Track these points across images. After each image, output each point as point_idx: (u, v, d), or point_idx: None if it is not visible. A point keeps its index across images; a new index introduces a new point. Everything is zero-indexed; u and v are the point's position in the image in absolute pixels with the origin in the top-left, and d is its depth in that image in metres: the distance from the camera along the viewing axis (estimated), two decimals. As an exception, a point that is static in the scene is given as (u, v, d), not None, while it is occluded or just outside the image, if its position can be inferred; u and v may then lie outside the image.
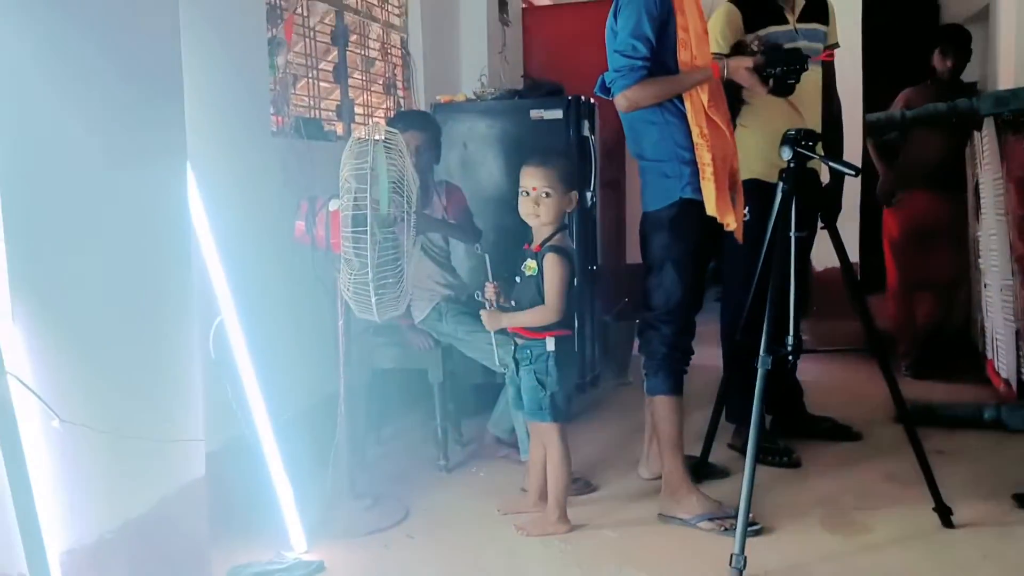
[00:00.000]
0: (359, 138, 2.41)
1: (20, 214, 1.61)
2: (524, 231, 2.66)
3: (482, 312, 2.64)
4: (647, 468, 2.95)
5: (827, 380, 4.15)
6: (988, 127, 3.63)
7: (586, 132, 3.74)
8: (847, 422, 3.40)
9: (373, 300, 2.37)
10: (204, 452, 2.15)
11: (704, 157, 2.57)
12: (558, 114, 3.67)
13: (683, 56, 2.60)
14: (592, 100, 3.78)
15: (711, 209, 2.57)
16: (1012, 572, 2.35)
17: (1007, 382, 3.72)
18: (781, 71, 2.61)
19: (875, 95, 5.53)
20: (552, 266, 2.52)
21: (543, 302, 2.54)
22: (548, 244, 2.55)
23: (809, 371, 4.32)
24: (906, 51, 4.56)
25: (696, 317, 2.74)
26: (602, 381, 4.24)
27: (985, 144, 3.69)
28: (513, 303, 2.61)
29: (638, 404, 3.00)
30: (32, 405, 1.65)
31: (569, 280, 2.54)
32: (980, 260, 4.00)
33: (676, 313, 2.67)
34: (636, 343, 2.92)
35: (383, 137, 2.40)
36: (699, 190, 2.59)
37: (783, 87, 2.65)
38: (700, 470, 2.91)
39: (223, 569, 2.34)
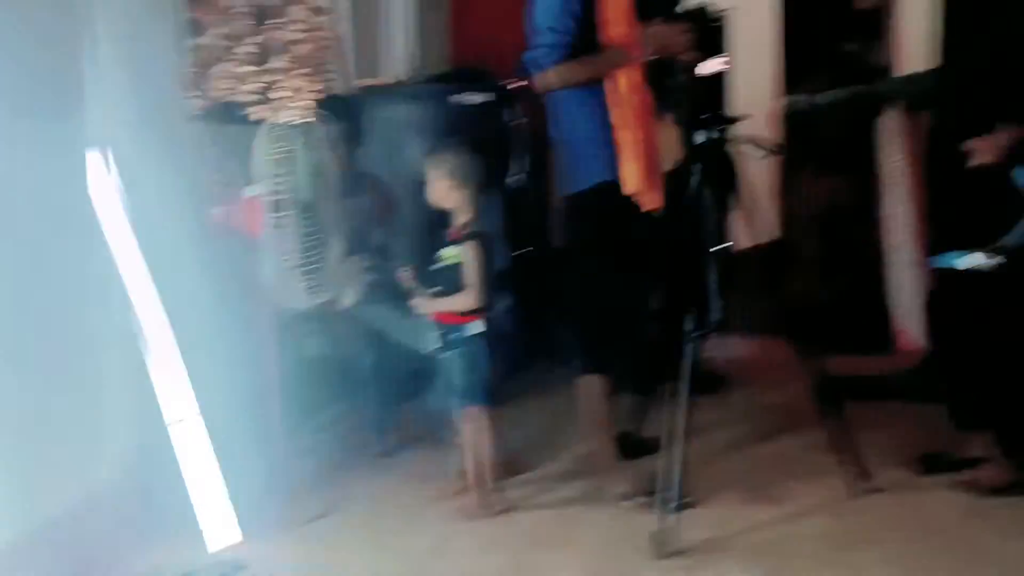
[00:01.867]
0: (276, 123, 2.39)
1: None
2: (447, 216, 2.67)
3: (414, 298, 2.65)
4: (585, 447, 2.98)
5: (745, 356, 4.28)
6: (893, 110, 3.76)
7: (513, 117, 3.75)
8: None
9: (299, 286, 2.36)
10: (121, 450, 2.09)
11: (625, 137, 2.59)
12: (484, 98, 3.67)
13: (608, 33, 2.59)
14: (518, 83, 3.78)
15: (629, 188, 2.60)
16: (920, 534, 2.47)
17: (915, 352, 3.87)
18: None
19: (795, 79, 5.67)
20: (471, 252, 2.55)
21: (456, 290, 2.57)
22: (465, 231, 2.58)
23: (735, 346, 4.44)
24: (820, 36, 4.65)
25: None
26: (535, 363, 4.26)
27: (890, 126, 3.83)
28: (432, 291, 2.63)
29: (571, 385, 3.04)
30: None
31: (489, 265, 2.56)
32: (889, 236, 4.15)
33: (599, 296, 2.69)
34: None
35: (300, 121, 2.37)
36: (620, 171, 2.61)
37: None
38: (636, 447, 2.96)
39: (143, 571, 2.28)
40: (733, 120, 2.67)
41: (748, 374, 3.90)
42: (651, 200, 2.63)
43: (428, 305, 2.62)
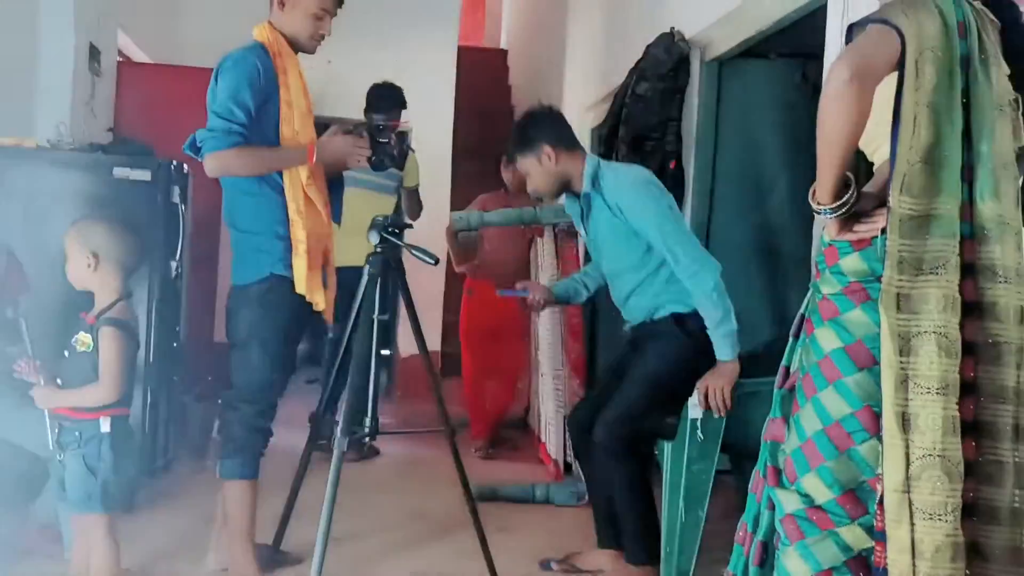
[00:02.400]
0: None
1: None
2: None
3: (35, 389, 2.33)
4: (216, 557, 2.78)
5: (410, 459, 4.31)
6: (548, 233, 4.11)
7: (175, 199, 3.56)
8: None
9: None
10: None
11: (299, 234, 2.57)
12: (146, 176, 3.43)
13: (285, 131, 2.60)
14: (186, 167, 3.62)
15: (301, 286, 2.56)
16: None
17: (555, 462, 4.15)
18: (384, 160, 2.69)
19: (464, 197, 6.07)
20: (108, 341, 2.31)
21: (88, 381, 2.31)
22: (104, 316, 2.34)
23: (395, 453, 4.49)
24: (491, 157, 5.03)
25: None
26: (176, 465, 3.95)
27: (545, 248, 4.17)
28: (60, 382, 2.34)
29: (214, 490, 2.83)
30: None
31: (129, 356, 2.34)
32: (538, 351, 4.46)
33: (259, 394, 2.59)
34: (217, 425, 2.78)
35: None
36: (290, 266, 2.58)
37: (381, 161, 2.72)
38: (272, 558, 2.82)
39: None
40: (404, 226, 2.73)
41: (413, 476, 3.93)
42: (320, 300, 2.61)
43: (50, 398, 2.31)
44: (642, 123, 4.31)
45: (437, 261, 2.80)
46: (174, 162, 3.53)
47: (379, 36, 5.98)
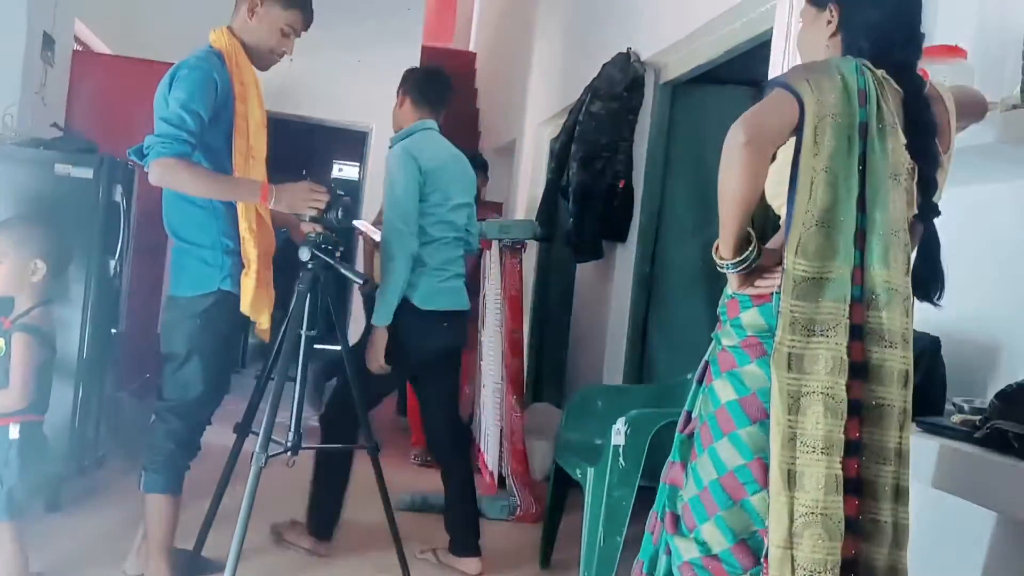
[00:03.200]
0: None
1: None
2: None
3: None
4: (134, 563, 2.78)
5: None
6: (494, 249, 4.14)
7: (117, 197, 3.53)
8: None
9: None
10: None
11: (250, 252, 2.54)
12: (88, 173, 3.40)
13: (238, 142, 2.56)
14: (130, 164, 3.59)
15: (246, 306, 2.54)
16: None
17: (492, 474, 4.18)
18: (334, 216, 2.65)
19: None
20: (19, 347, 2.29)
21: (7, 384, 2.30)
22: (19, 321, 2.32)
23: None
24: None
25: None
26: (109, 462, 3.92)
27: (491, 261, 4.20)
28: None
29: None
30: None
31: (43, 362, 2.33)
32: (481, 362, 4.49)
33: (191, 408, 2.56)
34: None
35: None
36: (238, 283, 2.55)
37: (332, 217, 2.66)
38: (193, 564, 2.82)
39: None
40: (337, 243, 2.72)
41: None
42: (266, 320, 2.61)
43: None
44: (593, 141, 4.36)
45: (367, 282, 2.81)
46: (117, 159, 3.50)
47: (342, 35, 5.95)
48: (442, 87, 3.35)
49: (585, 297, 5.15)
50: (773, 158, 1.71)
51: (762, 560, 1.59)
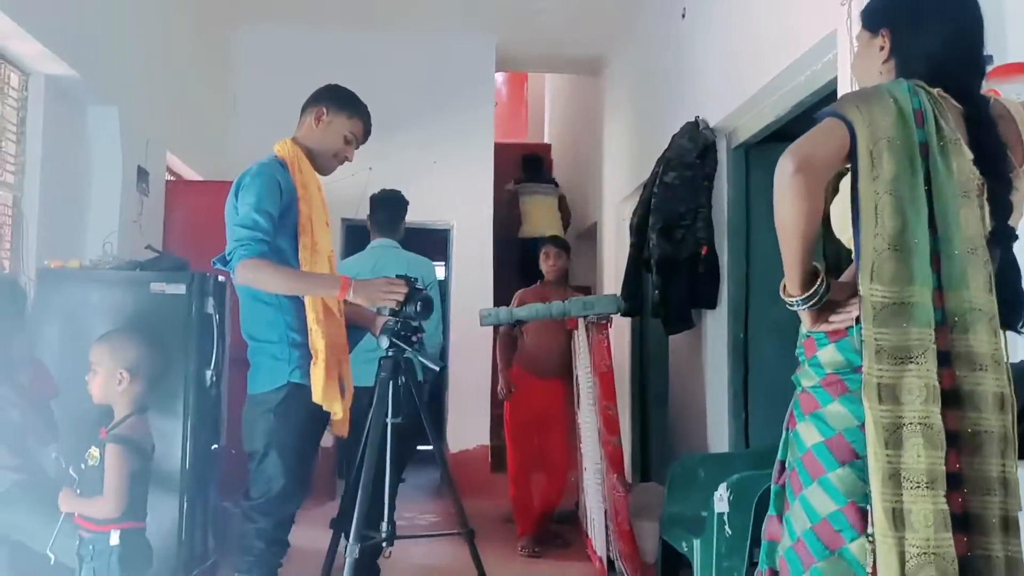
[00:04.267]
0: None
1: None
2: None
3: (63, 491, 2.40)
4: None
5: (452, 562, 4.25)
6: (580, 327, 4.10)
7: (210, 309, 3.67)
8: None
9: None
10: None
11: (318, 343, 2.59)
12: (181, 289, 3.56)
13: (304, 241, 2.65)
14: (221, 277, 3.74)
15: (318, 396, 2.58)
16: None
17: (601, 559, 4.04)
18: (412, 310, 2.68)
19: (505, 295, 6.13)
20: (112, 458, 2.37)
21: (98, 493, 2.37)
22: (113, 432, 2.40)
23: (439, 554, 4.40)
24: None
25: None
26: (220, 571, 3.97)
27: (579, 339, 4.16)
28: (78, 491, 2.41)
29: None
30: None
31: (136, 471, 2.39)
32: (581, 444, 4.40)
33: (275, 504, 2.57)
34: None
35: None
36: (308, 375, 2.59)
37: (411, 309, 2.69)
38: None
39: None
40: (416, 330, 2.74)
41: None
42: (338, 409, 2.63)
43: (65, 500, 2.38)
44: (670, 211, 4.32)
45: (442, 367, 2.81)
46: (208, 274, 3.65)
47: (416, 138, 6.15)
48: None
49: (681, 368, 5.03)
50: (836, 191, 1.65)
51: (868, 609, 1.46)
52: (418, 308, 2.67)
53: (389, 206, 4.10)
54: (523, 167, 7.72)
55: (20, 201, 3.73)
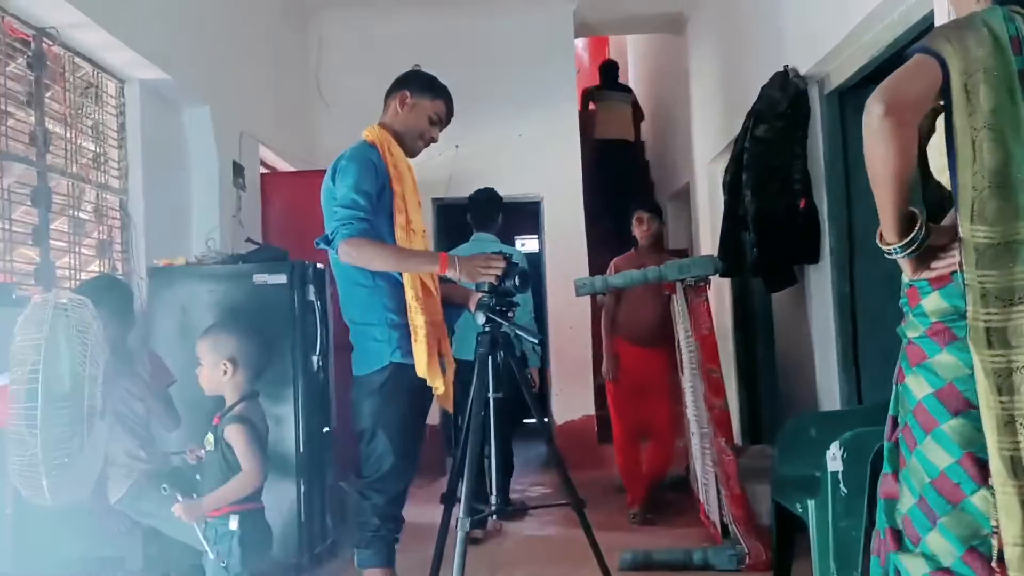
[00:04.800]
0: (43, 303, 2.30)
1: None
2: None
3: (176, 506, 2.47)
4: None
5: (560, 533, 4.27)
6: (678, 288, 4.03)
7: (311, 296, 3.77)
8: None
9: (44, 483, 2.20)
10: None
11: (417, 320, 2.64)
12: (282, 279, 3.67)
13: (399, 219, 2.72)
14: (320, 265, 3.83)
15: (422, 370, 2.62)
16: None
17: (714, 524, 3.99)
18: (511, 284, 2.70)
19: (602, 263, 6.08)
20: (235, 435, 2.46)
21: (225, 478, 2.45)
22: (228, 415, 2.49)
23: (550, 525, 4.43)
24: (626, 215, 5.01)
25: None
26: (340, 550, 4.10)
27: (678, 304, 4.09)
28: (199, 477, 2.52)
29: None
30: None
31: (259, 446, 2.48)
32: (686, 410, 4.34)
33: (387, 481, 2.64)
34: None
35: (65, 303, 2.29)
36: (409, 353, 2.64)
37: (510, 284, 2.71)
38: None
39: None
40: (512, 304, 2.75)
41: (559, 550, 3.86)
42: (440, 384, 2.67)
43: (206, 504, 2.44)
44: (764, 165, 4.19)
45: (541, 340, 2.81)
46: (307, 262, 3.75)
47: (499, 112, 6.13)
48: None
49: (786, 327, 4.90)
50: (933, 130, 1.57)
51: (994, 565, 1.39)
52: (516, 282, 2.68)
53: (483, 204, 4.60)
54: (600, 75, 8.41)
55: (126, 204, 3.89)
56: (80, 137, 3.63)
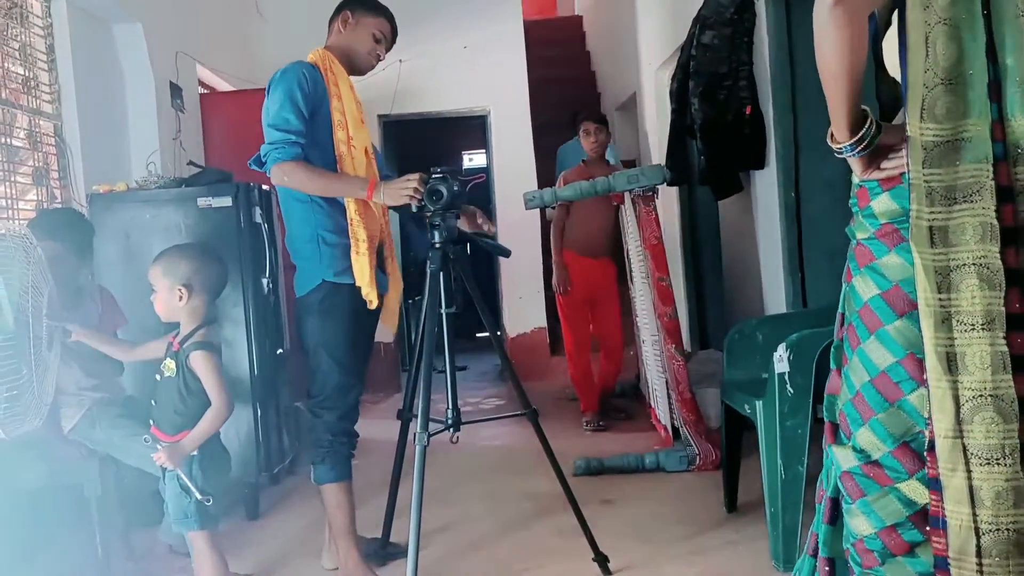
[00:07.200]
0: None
1: None
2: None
3: (157, 455, 2.41)
4: (329, 557, 2.91)
5: (511, 444, 4.37)
6: (627, 199, 4.05)
7: (258, 219, 3.70)
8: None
9: (-4, 414, 2.17)
10: None
11: (359, 234, 2.64)
12: (227, 202, 3.60)
13: (339, 135, 2.68)
14: (265, 187, 3.76)
15: (362, 281, 2.63)
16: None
17: (665, 428, 4.11)
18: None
19: (551, 169, 6.06)
20: (202, 363, 2.42)
21: (184, 404, 2.43)
22: (191, 341, 2.45)
23: (505, 435, 4.53)
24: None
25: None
26: (299, 468, 4.14)
27: (627, 214, 4.11)
28: (153, 402, 2.50)
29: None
30: None
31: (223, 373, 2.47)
32: (636, 319, 4.41)
33: (334, 398, 2.67)
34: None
35: (11, 234, 2.23)
36: (345, 272, 2.64)
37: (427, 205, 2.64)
38: (383, 551, 2.92)
39: None
40: (458, 215, 2.74)
41: (523, 457, 3.96)
42: (374, 298, 2.66)
43: (176, 451, 2.39)
44: (711, 72, 4.17)
45: (508, 254, 2.84)
46: (252, 184, 3.67)
47: (444, 25, 5.99)
48: None
49: (733, 233, 4.97)
50: (888, 24, 1.56)
51: (925, 455, 1.46)
52: (437, 198, 2.60)
53: None
54: None
55: (61, 129, 3.75)
56: (7, 61, 3.46)
